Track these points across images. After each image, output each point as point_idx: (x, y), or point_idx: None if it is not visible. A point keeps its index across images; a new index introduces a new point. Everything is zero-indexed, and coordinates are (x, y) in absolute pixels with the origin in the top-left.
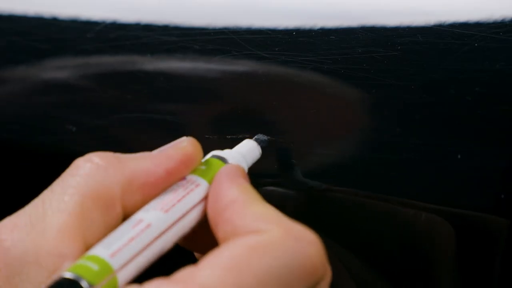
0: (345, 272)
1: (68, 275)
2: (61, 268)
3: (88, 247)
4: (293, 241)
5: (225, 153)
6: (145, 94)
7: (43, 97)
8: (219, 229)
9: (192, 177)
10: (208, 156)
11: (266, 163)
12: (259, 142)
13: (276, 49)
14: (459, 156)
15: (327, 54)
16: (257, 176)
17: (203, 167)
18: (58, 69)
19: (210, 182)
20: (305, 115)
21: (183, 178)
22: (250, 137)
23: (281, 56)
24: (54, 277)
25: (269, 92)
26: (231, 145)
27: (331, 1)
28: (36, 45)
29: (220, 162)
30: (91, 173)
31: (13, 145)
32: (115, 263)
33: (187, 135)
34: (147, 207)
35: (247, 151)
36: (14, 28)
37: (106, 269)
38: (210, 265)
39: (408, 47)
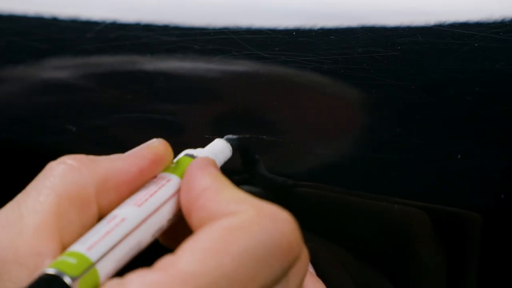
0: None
1: (50, 270)
2: (42, 266)
3: (65, 246)
4: (267, 220)
5: (196, 151)
6: (145, 94)
7: (43, 97)
8: (193, 217)
9: (163, 174)
10: (181, 155)
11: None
12: (229, 141)
13: (276, 49)
14: (459, 156)
15: (327, 54)
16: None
17: (173, 165)
18: (58, 69)
19: (181, 177)
20: (305, 115)
21: (155, 176)
22: (250, 137)
23: (281, 56)
24: (36, 274)
25: (269, 92)
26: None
27: (331, 1)
28: (36, 45)
29: (190, 159)
30: (64, 173)
31: (13, 145)
32: (92, 256)
33: (187, 135)
34: (121, 205)
35: (218, 150)
36: (14, 28)
37: (84, 262)
38: (189, 251)
39: (408, 47)
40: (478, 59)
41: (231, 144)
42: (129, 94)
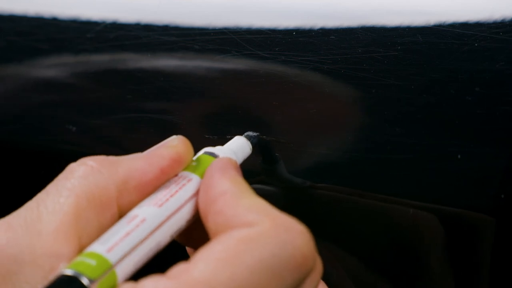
0: (340, 270)
1: (68, 272)
2: (57, 268)
3: (83, 247)
4: (283, 233)
5: (216, 149)
6: (145, 94)
7: (43, 97)
8: (209, 221)
9: (184, 173)
10: (200, 153)
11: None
12: (249, 138)
13: (276, 49)
14: (459, 156)
15: (327, 54)
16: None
17: (194, 163)
18: (58, 69)
19: (202, 177)
20: (305, 115)
21: (176, 175)
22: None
23: (281, 56)
24: (53, 275)
25: (269, 92)
26: None
27: (331, 1)
28: (36, 45)
29: (211, 158)
30: (85, 175)
31: (13, 145)
32: (112, 258)
33: (187, 135)
34: (141, 204)
35: (237, 147)
36: (14, 28)
37: (103, 263)
38: (203, 259)
39: (408, 47)
40: (478, 59)
41: (251, 142)
42: (129, 94)
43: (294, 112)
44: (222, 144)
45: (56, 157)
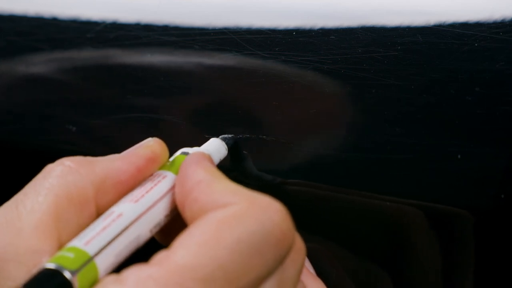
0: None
1: (49, 265)
2: (40, 264)
3: (63, 245)
4: (260, 211)
5: (192, 150)
6: (145, 94)
7: (43, 97)
8: (187, 210)
9: (159, 172)
10: (177, 153)
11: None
12: (224, 140)
13: (276, 49)
14: (459, 156)
15: (327, 54)
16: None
17: (169, 163)
18: (58, 69)
19: (177, 173)
20: (305, 115)
21: (151, 174)
22: (250, 137)
23: (281, 56)
24: (35, 270)
25: (269, 92)
26: None
27: (331, 1)
28: (36, 45)
29: (185, 156)
30: (63, 174)
31: (13, 145)
32: (90, 250)
33: (186, 134)
34: (118, 202)
35: (213, 149)
36: (14, 28)
37: (82, 255)
38: (184, 244)
39: (408, 47)
40: (478, 59)
41: (227, 143)
42: (129, 94)
43: (294, 112)
44: None
45: (56, 157)
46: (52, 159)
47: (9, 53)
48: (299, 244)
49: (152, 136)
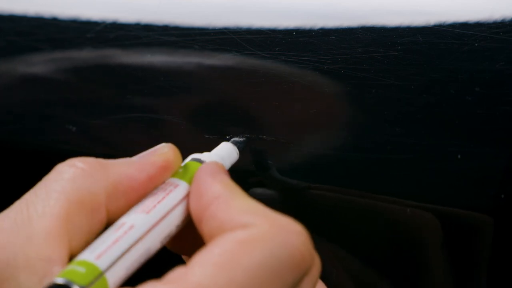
0: (339, 270)
1: (59, 280)
2: (51, 273)
3: (73, 251)
4: (280, 233)
5: (203, 155)
6: (145, 94)
7: (43, 97)
8: (204, 226)
9: (171, 180)
10: (187, 159)
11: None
12: (235, 143)
13: (276, 49)
14: (459, 156)
15: (327, 54)
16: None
17: (181, 170)
18: (58, 70)
19: (189, 182)
20: (305, 115)
21: (163, 182)
22: (250, 137)
23: (281, 56)
24: (45, 283)
25: (269, 92)
26: None
27: (331, 1)
28: (36, 45)
29: (198, 164)
30: (75, 178)
31: (13, 145)
32: (101, 264)
33: (187, 135)
34: (129, 212)
35: (225, 153)
36: (14, 28)
37: (93, 270)
38: (201, 263)
39: (408, 47)
40: (478, 59)
41: (238, 147)
42: (129, 94)
43: (294, 112)
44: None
45: (56, 157)
46: (52, 159)
47: (9, 53)
48: (317, 264)
49: (151, 136)
